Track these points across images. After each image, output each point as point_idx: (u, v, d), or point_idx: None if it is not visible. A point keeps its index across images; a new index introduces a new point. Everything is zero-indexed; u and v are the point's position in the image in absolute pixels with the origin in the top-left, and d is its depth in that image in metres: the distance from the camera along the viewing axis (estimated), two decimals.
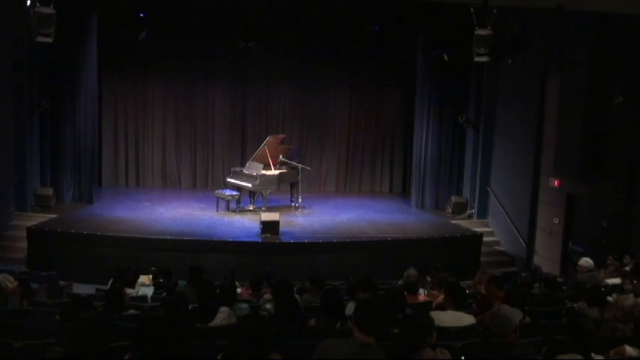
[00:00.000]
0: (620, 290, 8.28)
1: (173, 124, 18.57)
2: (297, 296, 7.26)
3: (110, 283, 8.70)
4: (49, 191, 15.42)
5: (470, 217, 16.92)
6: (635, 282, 8.38)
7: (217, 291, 6.54)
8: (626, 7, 10.13)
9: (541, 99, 14.63)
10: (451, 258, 13.02)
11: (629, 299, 6.26)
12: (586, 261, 9.53)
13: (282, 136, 16.23)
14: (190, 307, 6.23)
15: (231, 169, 16.24)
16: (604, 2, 10.13)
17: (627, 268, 9.75)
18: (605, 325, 5.85)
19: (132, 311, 6.65)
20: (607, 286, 8.72)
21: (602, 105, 12.52)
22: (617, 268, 9.67)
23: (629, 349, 4.77)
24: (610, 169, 12.62)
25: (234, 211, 15.18)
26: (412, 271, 9.33)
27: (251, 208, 15.42)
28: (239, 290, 8.65)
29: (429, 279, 9.69)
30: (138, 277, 9.25)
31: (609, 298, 6.94)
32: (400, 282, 9.36)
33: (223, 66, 17.94)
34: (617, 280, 9.04)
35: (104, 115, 18.05)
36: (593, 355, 4.81)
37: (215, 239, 12.98)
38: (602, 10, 10.88)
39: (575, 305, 6.99)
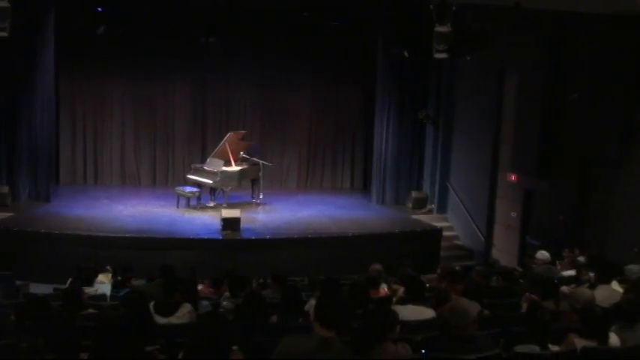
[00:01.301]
0: (576, 281, 8.44)
1: (132, 120, 18.32)
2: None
3: (69, 282, 8.57)
4: (5, 189, 15.06)
5: (430, 212, 17.08)
6: (590, 274, 8.56)
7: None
8: (582, 6, 10.33)
9: (499, 96, 14.83)
10: (411, 252, 13.11)
11: (587, 291, 6.38)
12: (542, 254, 9.69)
13: (242, 132, 16.15)
14: (153, 303, 6.17)
15: (192, 166, 16.12)
16: (560, 1, 10.31)
17: (581, 259, 9.95)
18: (562, 316, 5.96)
19: (91, 310, 6.56)
20: (562, 278, 8.89)
21: (558, 102, 12.74)
22: (572, 261, 9.87)
23: (578, 340, 4.87)
24: (565, 164, 12.85)
25: (194, 208, 15.07)
26: (377, 266, 9.35)
27: (212, 205, 15.32)
28: (200, 287, 8.61)
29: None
30: (97, 276, 9.12)
31: (564, 290, 7.07)
32: (358, 277, 9.41)
33: (183, 62, 17.74)
34: (572, 272, 9.22)
35: (62, 111, 17.73)
36: (549, 345, 4.90)
37: (175, 236, 12.88)
38: (558, 9, 11.06)
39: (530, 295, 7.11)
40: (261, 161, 15.83)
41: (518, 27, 12.62)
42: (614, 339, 5.02)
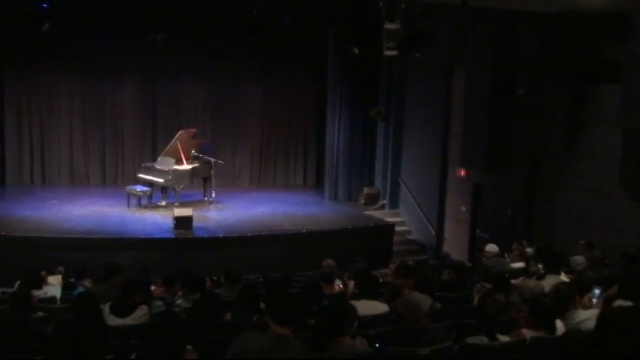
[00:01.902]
0: (525, 273, 8.63)
1: (80, 119, 17.92)
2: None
3: (17, 285, 8.36)
4: None
5: (382, 207, 17.22)
6: (539, 265, 8.76)
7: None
8: (527, 4, 10.55)
9: (447, 93, 15.03)
10: (365, 248, 13.20)
11: (535, 283, 6.53)
12: (492, 247, 9.88)
13: (193, 130, 16.00)
14: (109, 304, 6.08)
15: (142, 165, 15.91)
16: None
17: (530, 250, 10.17)
18: (512, 307, 6.08)
19: (40, 313, 6.43)
20: (512, 270, 9.07)
21: (505, 98, 12.98)
22: (520, 253, 10.08)
23: (527, 330, 4.98)
24: (513, 159, 13.11)
25: (145, 208, 14.88)
26: (329, 262, 9.41)
27: (163, 204, 15.15)
28: (153, 287, 8.51)
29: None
30: (46, 278, 8.93)
31: (514, 282, 7.22)
32: (312, 273, 9.44)
33: (132, 59, 17.43)
34: (521, 264, 9.41)
35: (6, 111, 17.27)
36: (499, 336, 5.00)
37: (127, 236, 12.71)
38: (503, 7, 11.27)
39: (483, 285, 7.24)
40: (213, 159, 15.71)
41: (466, 24, 12.82)
42: (560, 327, 5.15)
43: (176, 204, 14.68)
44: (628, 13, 9.96)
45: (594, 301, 6.27)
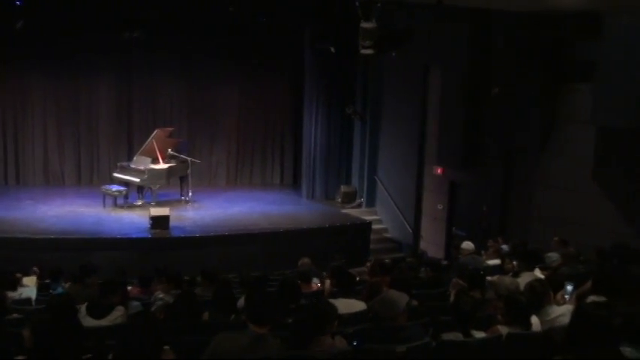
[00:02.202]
0: (501, 270, 8.70)
1: (55, 118, 17.70)
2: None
3: None
4: None
5: (359, 205, 17.28)
6: (514, 262, 8.84)
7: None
8: (501, 3, 10.63)
9: (423, 91, 15.10)
10: (342, 246, 13.23)
11: (511, 280, 6.59)
12: (468, 244, 9.94)
13: (170, 129, 15.90)
14: (85, 305, 6.02)
15: (118, 164, 15.77)
16: None
17: (505, 247, 10.26)
18: (488, 304, 6.12)
19: (15, 315, 6.35)
20: (487, 267, 9.14)
21: (481, 96, 13.08)
22: (496, 250, 10.16)
23: (502, 327, 5.03)
24: (488, 157, 13.22)
25: (121, 207, 14.75)
26: (306, 260, 9.41)
27: (139, 204, 15.03)
28: (129, 288, 8.46)
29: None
30: (21, 280, 8.81)
31: (490, 279, 7.27)
32: (290, 272, 9.45)
33: (107, 58, 17.25)
34: (496, 262, 9.49)
35: None
36: (474, 332, 5.04)
37: (103, 236, 12.60)
38: (479, 6, 11.35)
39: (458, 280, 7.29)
40: (189, 158, 15.61)
41: (441, 23, 12.90)
42: (535, 323, 5.20)
43: (152, 203, 14.58)
44: (600, 13, 10.09)
45: (567, 297, 6.35)
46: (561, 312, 5.48)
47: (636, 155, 10.23)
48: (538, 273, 7.64)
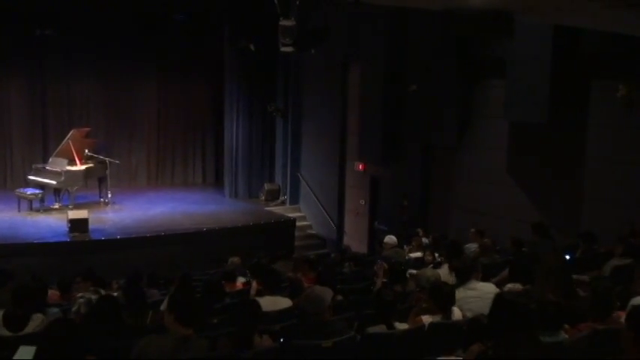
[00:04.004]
0: (422, 263, 8.89)
1: None
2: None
3: None
4: None
5: (283, 203, 17.32)
6: (435, 254, 9.04)
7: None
8: (414, 1, 10.80)
9: (343, 87, 15.27)
10: (266, 244, 13.21)
11: (432, 271, 6.73)
12: (390, 238, 10.09)
13: (86, 129, 15.47)
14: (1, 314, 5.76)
15: (33, 166, 15.21)
16: None
17: (426, 241, 10.47)
18: (410, 296, 6.25)
19: None
20: (410, 260, 9.32)
21: (399, 92, 13.31)
22: (419, 244, 10.36)
23: (425, 317, 5.14)
24: (408, 152, 13.48)
25: (38, 211, 14.25)
26: (235, 259, 9.35)
27: (57, 207, 14.56)
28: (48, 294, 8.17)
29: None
30: None
31: (412, 271, 7.41)
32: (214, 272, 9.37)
33: (18, 56, 16.57)
34: (419, 254, 9.68)
35: None
36: (398, 324, 5.13)
37: (18, 241, 12.18)
38: (394, 5, 11.52)
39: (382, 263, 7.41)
40: (107, 159, 15.24)
41: (359, 20, 13.04)
42: (457, 313, 5.34)
43: (70, 206, 14.18)
44: (511, 12, 10.42)
45: None
46: (488, 290, 5.71)
47: (546, 148, 10.66)
48: None
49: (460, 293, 5.68)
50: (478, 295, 5.68)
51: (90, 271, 8.41)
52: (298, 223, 15.40)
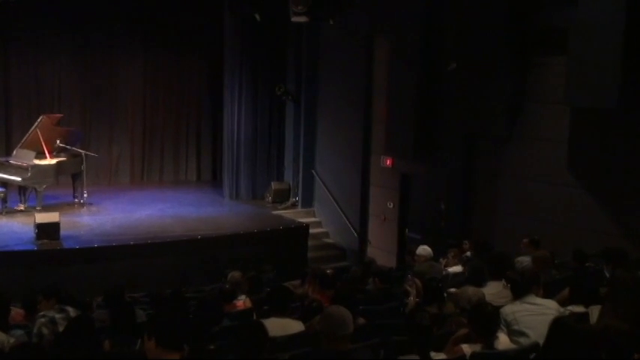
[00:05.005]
0: (463, 279, 8.81)
1: None
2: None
3: None
4: None
5: (294, 205, 17.30)
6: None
7: None
8: None
9: (368, 67, 15.19)
10: (274, 255, 13.22)
11: (470, 289, 6.67)
12: (424, 249, 10.03)
13: (58, 115, 15.60)
14: None
15: None
16: None
17: (468, 254, 10.40)
18: (449, 320, 6.19)
19: None
20: (448, 275, 9.26)
21: (436, 72, 13.23)
22: (457, 255, 10.30)
23: (465, 346, 5.09)
24: (446, 144, 13.39)
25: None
26: (236, 274, 9.32)
27: (22, 208, 14.69)
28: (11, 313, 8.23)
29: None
30: None
31: (451, 290, 7.35)
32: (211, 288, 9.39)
33: None
34: (458, 268, 9.61)
35: None
36: (433, 354, 5.08)
37: None
38: None
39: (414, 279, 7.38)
40: (83, 151, 15.34)
41: None
42: (504, 341, 5.29)
43: (38, 208, 14.28)
44: None
45: None
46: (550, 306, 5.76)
47: (617, 139, 10.52)
48: None
49: (515, 306, 5.70)
50: (538, 310, 5.69)
51: (53, 287, 8.42)
52: (312, 230, 15.39)
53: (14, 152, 15.05)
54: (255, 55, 17.18)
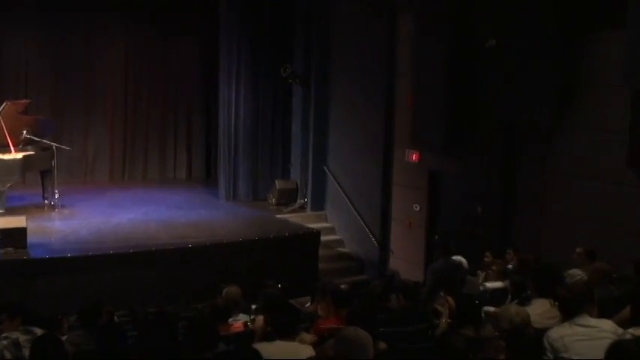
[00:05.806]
0: (505, 296, 8.73)
1: None
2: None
3: None
4: None
5: (302, 208, 17.30)
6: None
7: None
8: None
9: (390, 44, 15.12)
10: (279, 267, 13.18)
11: (512, 308, 6.60)
12: (458, 260, 9.98)
13: (24, 101, 15.68)
14: None
15: None
16: None
17: (510, 267, 10.32)
18: (486, 344, 6.12)
19: None
20: (487, 291, 9.18)
21: (471, 52, 13.14)
22: (500, 269, 10.21)
23: None
24: (483, 136, 13.31)
25: None
26: (233, 289, 9.30)
27: None
28: None
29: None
30: None
31: (490, 309, 7.28)
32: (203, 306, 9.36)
33: None
34: (499, 284, 9.53)
35: None
36: None
37: None
38: None
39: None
40: (54, 144, 15.38)
41: None
42: None
43: (1, 211, 14.32)
44: None
45: None
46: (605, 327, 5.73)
47: None
48: None
49: (564, 329, 5.66)
50: (590, 333, 5.63)
51: (19, 304, 8.40)
52: (324, 238, 15.36)
53: None
54: (256, 30, 17.21)
